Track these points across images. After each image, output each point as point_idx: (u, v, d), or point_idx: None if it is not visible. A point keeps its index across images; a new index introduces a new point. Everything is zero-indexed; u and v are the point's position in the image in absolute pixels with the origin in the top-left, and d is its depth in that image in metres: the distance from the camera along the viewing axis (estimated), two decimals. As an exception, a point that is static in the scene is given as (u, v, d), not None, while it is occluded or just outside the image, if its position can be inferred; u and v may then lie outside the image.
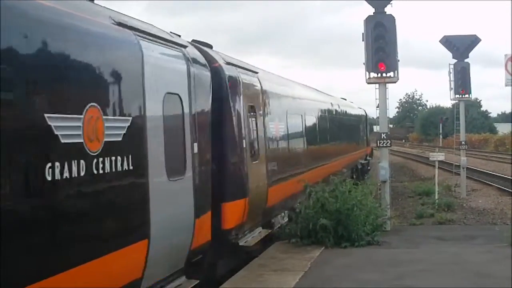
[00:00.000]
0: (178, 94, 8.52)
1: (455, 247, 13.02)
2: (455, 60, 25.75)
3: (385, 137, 16.08)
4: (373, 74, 15.99)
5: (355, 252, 12.41)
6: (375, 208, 14.53)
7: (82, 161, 5.96)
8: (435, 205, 21.44)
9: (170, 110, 8.29)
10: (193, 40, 11.04)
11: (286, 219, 14.78)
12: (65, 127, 5.75)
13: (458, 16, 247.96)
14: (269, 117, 13.57)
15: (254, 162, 11.79)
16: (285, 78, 18.56)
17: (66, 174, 5.68)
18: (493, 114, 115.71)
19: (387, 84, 16.20)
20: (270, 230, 13.17)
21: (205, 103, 9.73)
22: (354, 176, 27.70)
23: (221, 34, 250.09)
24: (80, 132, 5.99)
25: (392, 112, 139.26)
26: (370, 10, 15.84)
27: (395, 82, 16.24)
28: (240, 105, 11.25)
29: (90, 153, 6.13)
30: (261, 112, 12.83)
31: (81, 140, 5.99)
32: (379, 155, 17.30)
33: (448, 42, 25.84)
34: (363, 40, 15.84)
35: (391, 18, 15.79)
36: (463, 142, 26.65)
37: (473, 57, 26.08)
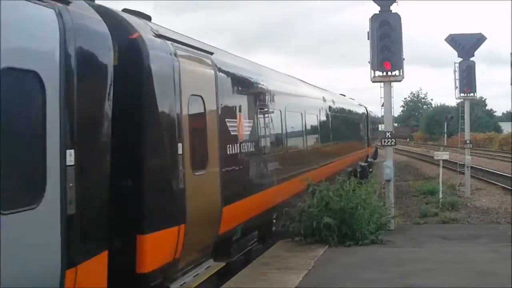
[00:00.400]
0: (35, 72, 5.48)
1: (459, 246, 13.00)
2: (461, 59, 25.71)
3: (389, 135, 16.07)
4: (378, 73, 15.98)
5: (359, 250, 12.39)
6: (379, 207, 14.53)
7: None
8: (439, 204, 21.44)
9: (13, 97, 5.27)
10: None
11: (255, 241, 12.46)
12: None
13: (464, 14, 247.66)
14: (228, 113, 10.54)
15: (198, 173, 8.81)
16: (258, 64, 14.87)
17: None
18: (498, 113, 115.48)
19: (392, 83, 16.19)
20: (226, 262, 10.01)
21: (98, 88, 6.63)
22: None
23: (225, 33, 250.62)
24: None
25: (397, 111, 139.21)
26: (375, 9, 15.85)
27: (400, 81, 16.21)
28: (174, 94, 8.31)
29: None
30: (214, 105, 9.80)
31: None
32: (384, 154, 17.27)
33: (454, 40, 25.80)
34: (368, 39, 15.82)
35: (397, 17, 15.77)
36: (467, 141, 26.61)
37: (479, 56, 26.09)
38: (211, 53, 10.17)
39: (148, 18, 8.90)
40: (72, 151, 5.88)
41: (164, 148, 8.10)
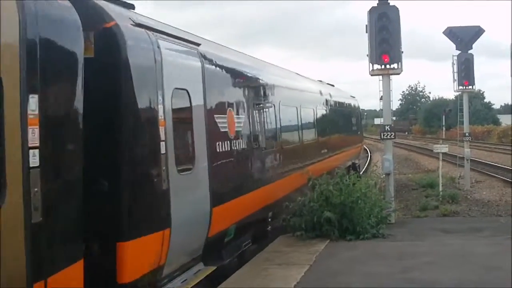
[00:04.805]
0: None
1: (461, 239, 12.94)
2: (459, 51, 25.61)
3: (389, 129, 16.00)
4: (376, 66, 15.89)
5: (360, 245, 12.34)
6: (379, 201, 14.47)
7: None
8: (439, 197, 21.36)
9: None
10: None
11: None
12: None
13: (462, 7, 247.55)
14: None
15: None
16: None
17: None
18: (496, 105, 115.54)
19: (390, 76, 16.11)
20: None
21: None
22: None
23: (226, 28, 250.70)
24: None
25: (395, 104, 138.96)
26: (374, 2, 15.77)
27: (398, 74, 16.12)
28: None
29: None
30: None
31: None
32: (383, 148, 17.20)
33: (452, 33, 25.68)
34: (366, 32, 15.73)
35: (395, 9, 15.68)
36: (466, 134, 26.53)
37: (477, 48, 25.99)
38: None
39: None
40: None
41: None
